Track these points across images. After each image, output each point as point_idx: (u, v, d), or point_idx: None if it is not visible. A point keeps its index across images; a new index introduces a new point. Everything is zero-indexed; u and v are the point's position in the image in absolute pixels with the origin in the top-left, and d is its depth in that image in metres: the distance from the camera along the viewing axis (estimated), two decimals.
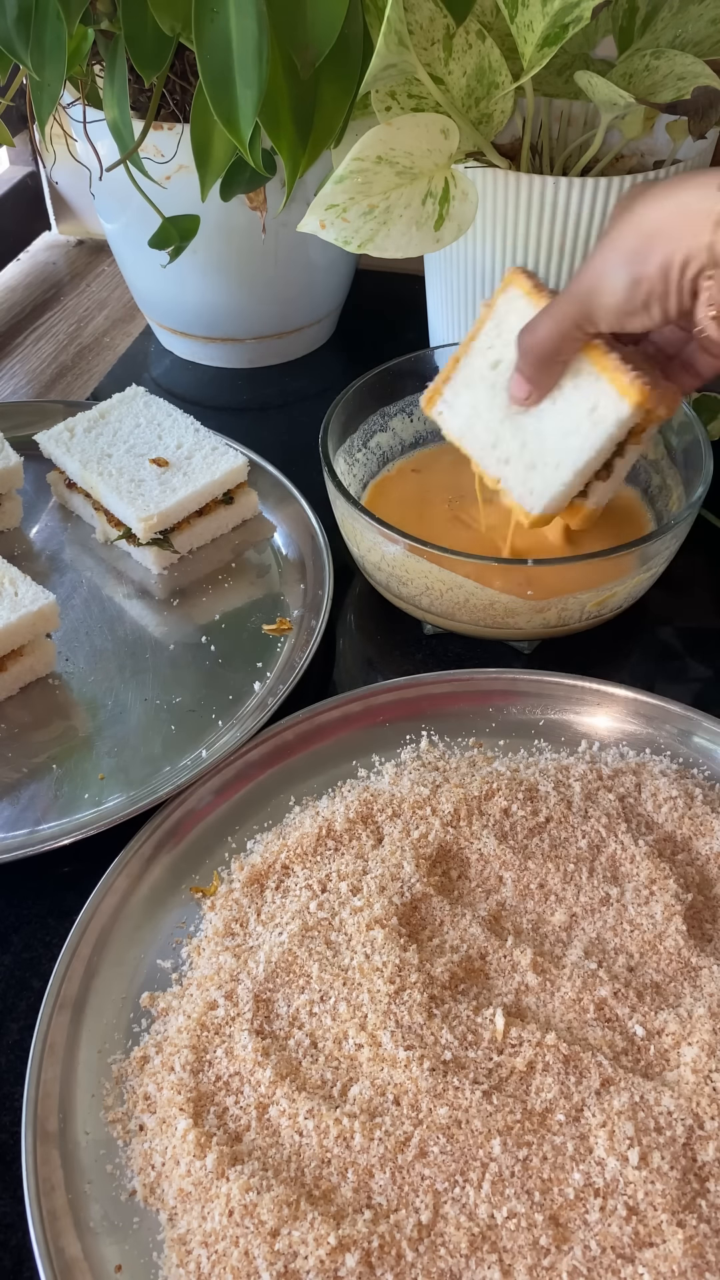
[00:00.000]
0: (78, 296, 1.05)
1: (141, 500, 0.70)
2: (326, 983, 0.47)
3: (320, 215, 0.60)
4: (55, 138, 0.83)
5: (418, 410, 0.75)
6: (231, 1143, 0.43)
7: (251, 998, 0.47)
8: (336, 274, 0.90)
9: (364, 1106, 0.44)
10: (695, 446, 0.66)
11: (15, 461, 0.73)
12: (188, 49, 0.67)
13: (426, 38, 0.64)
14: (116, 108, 0.66)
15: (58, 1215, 0.42)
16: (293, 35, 0.57)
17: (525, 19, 0.61)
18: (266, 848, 0.54)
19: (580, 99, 0.73)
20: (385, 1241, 0.40)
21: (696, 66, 0.65)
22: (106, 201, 0.85)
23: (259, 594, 0.70)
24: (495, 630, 0.64)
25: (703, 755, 0.58)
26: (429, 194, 0.62)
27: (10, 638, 0.61)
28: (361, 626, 0.70)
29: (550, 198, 0.68)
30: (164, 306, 0.91)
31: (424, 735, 0.60)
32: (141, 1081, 0.46)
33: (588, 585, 0.61)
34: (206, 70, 0.56)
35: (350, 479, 0.71)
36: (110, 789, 0.58)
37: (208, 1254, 0.40)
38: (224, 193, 0.67)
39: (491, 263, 0.73)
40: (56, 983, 0.48)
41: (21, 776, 0.59)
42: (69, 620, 0.68)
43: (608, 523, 0.71)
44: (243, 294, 0.87)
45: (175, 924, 0.52)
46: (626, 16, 0.70)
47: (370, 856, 0.53)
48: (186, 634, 0.68)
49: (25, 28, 0.59)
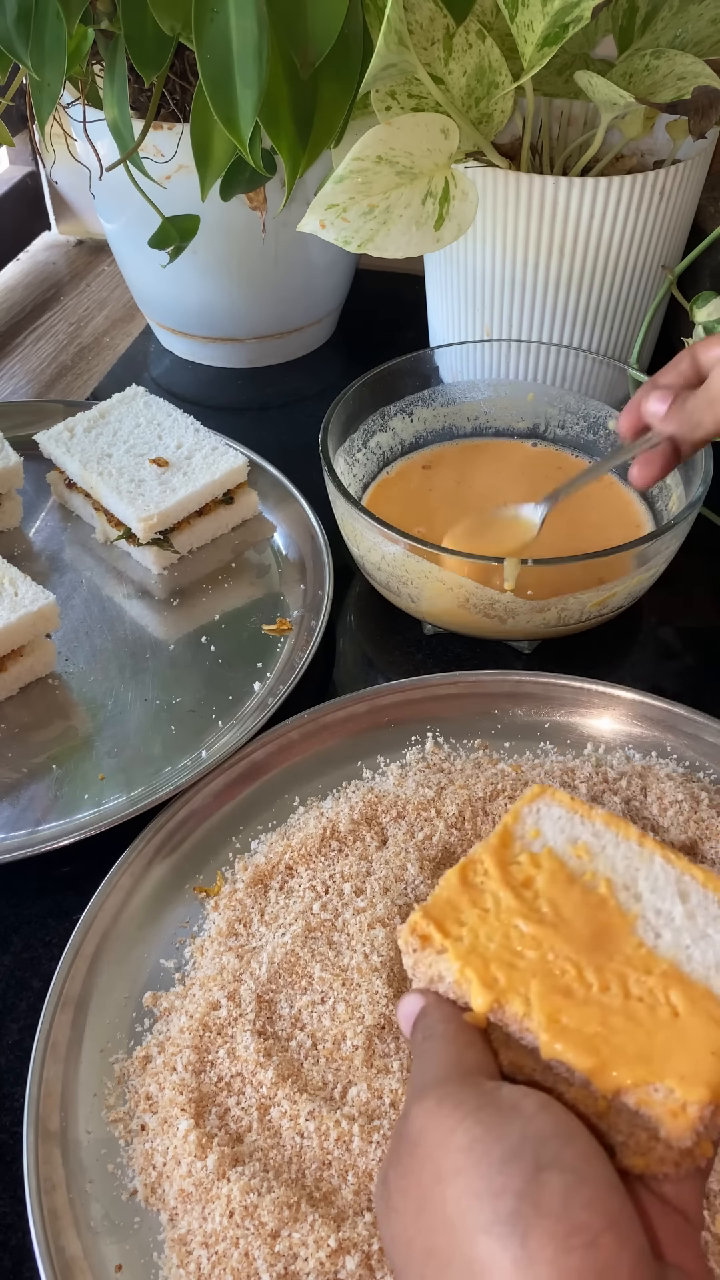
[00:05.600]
0: (78, 296, 1.05)
1: (141, 500, 0.70)
2: (327, 983, 0.47)
3: (320, 215, 0.60)
4: (55, 137, 0.83)
5: (418, 410, 0.76)
6: (233, 1144, 0.43)
7: (254, 998, 0.47)
8: (336, 274, 0.90)
9: (362, 1109, 0.44)
10: None
11: (15, 461, 0.73)
12: (188, 49, 0.67)
13: (426, 37, 0.64)
14: (116, 107, 0.66)
15: (58, 1214, 0.42)
16: (293, 35, 0.57)
17: (525, 19, 0.61)
18: (270, 848, 0.54)
19: (580, 99, 0.73)
20: None
21: (696, 66, 0.65)
22: (106, 201, 0.85)
23: (259, 594, 0.70)
24: (495, 630, 0.64)
25: (709, 759, 0.58)
26: (429, 194, 0.62)
27: (10, 638, 0.61)
28: (361, 626, 0.70)
29: (550, 198, 0.68)
30: (164, 306, 0.91)
31: (429, 736, 0.60)
32: (143, 1081, 0.46)
33: (588, 585, 0.61)
34: (206, 70, 0.56)
35: (350, 479, 0.71)
36: (110, 789, 0.58)
37: (208, 1254, 0.40)
38: (224, 193, 0.67)
39: (491, 263, 0.73)
40: (59, 981, 0.48)
41: (21, 776, 0.59)
42: (69, 620, 0.68)
43: (608, 523, 0.71)
44: (243, 294, 0.87)
45: (179, 923, 0.52)
46: (626, 16, 0.70)
47: (374, 858, 0.53)
48: (186, 634, 0.68)
49: (25, 28, 0.59)
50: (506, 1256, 0.30)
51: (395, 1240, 0.34)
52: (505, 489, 0.73)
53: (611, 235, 0.70)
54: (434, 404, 0.76)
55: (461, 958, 0.38)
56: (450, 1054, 0.36)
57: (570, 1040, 0.36)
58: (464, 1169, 0.32)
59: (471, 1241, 0.31)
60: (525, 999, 0.37)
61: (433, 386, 0.75)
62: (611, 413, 0.74)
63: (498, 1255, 0.30)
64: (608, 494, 0.73)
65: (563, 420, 0.76)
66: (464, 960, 0.38)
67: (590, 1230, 0.30)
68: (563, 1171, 0.31)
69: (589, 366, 0.75)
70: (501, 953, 0.38)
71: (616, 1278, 0.29)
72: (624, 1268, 0.30)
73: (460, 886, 0.41)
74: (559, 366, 0.75)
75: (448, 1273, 0.31)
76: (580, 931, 0.39)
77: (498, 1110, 0.33)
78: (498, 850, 0.42)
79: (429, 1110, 0.34)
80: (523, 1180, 0.31)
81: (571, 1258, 0.29)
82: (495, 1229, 0.30)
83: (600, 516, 0.71)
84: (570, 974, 0.38)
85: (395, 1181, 0.35)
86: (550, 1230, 0.30)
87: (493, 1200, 0.31)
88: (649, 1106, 0.34)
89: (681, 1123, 0.34)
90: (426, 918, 0.40)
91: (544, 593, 0.60)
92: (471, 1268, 0.31)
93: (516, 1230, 0.30)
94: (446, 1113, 0.33)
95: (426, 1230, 0.33)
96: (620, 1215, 0.31)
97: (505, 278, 0.74)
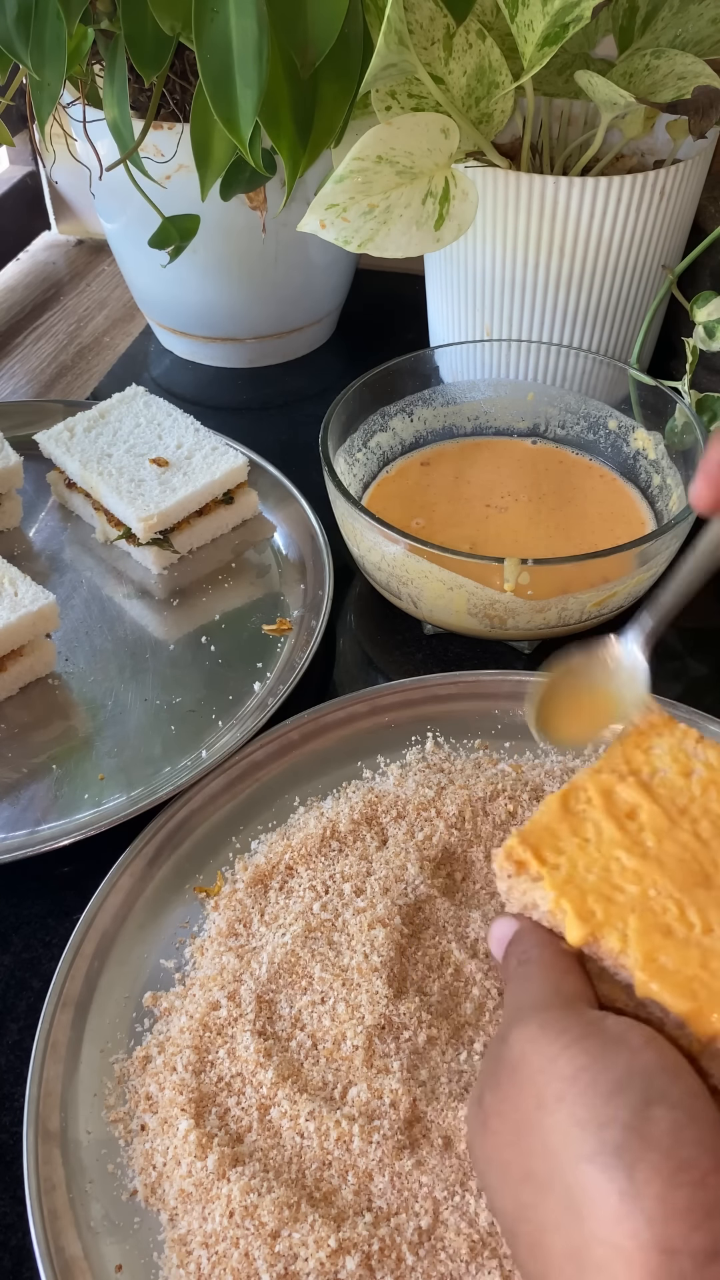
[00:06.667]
0: (78, 296, 1.05)
1: (141, 500, 0.70)
2: (327, 983, 0.47)
3: (320, 215, 0.60)
4: (55, 137, 0.83)
5: (418, 410, 0.76)
6: (233, 1144, 0.43)
7: (254, 998, 0.47)
8: (336, 274, 0.90)
9: (362, 1109, 0.44)
10: (695, 446, 0.66)
11: (15, 461, 0.73)
12: (188, 49, 0.67)
13: (426, 37, 0.64)
14: (116, 107, 0.66)
15: (58, 1214, 0.42)
16: (293, 35, 0.57)
17: (525, 18, 0.61)
18: (270, 848, 0.54)
19: (580, 98, 0.73)
20: (386, 1245, 0.40)
21: (697, 66, 0.65)
22: (106, 201, 0.85)
23: (259, 594, 0.70)
24: (495, 630, 0.64)
25: None
26: (429, 193, 0.62)
27: (10, 638, 0.61)
28: (361, 626, 0.70)
29: (550, 197, 0.68)
30: (164, 306, 0.91)
31: (429, 736, 0.60)
32: (144, 1081, 0.46)
33: (588, 585, 0.61)
34: (206, 70, 0.56)
35: (350, 479, 0.71)
36: (110, 789, 0.58)
37: (208, 1255, 0.40)
38: (224, 192, 0.67)
39: (491, 263, 0.73)
40: (59, 981, 0.48)
41: (21, 776, 0.59)
42: (69, 620, 0.68)
43: (609, 522, 0.71)
44: (243, 294, 0.87)
45: (179, 923, 0.52)
46: (626, 16, 0.70)
47: (374, 858, 0.53)
48: (186, 634, 0.68)
49: (25, 27, 0.59)
50: (612, 1187, 0.30)
51: (490, 1162, 0.34)
52: (505, 485, 0.73)
53: (611, 235, 0.70)
54: (434, 404, 0.76)
55: (558, 887, 0.37)
56: (550, 980, 0.36)
57: (668, 981, 0.34)
58: (568, 1097, 0.32)
59: (575, 1169, 0.31)
60: (623, 935, 0.36)
61: (433, 386, 0.75)
62: (611, 412, 0.74)
63: (602, 1185, 0.30)
64: (608, 494, 0.73)
65: (563, 420, 0.76)
66: (560, 890, 0.37)
67: (699, 1168, 0.30)
68: (671, 1108, 0.31)
69: (589, 366, 0.75)
70: (600, 885, 0.37)
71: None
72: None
73: (561, 813, 0.39)
74: (559, 366, 0.75)
75: (547, 1198, 0.31)
76: (685, 869, 0.38)
77: (604, 1040, 0.33)
78: (604, 778, 0.40)
79: (531, 1036, 0.34)
80: (630, 1113, 0.31)
81: (679, 1194, 0.29)
82: (600, 1159, 0.30)
83: (601, 516, 0.71)
84: (672, 912, 0.36)
85: (493, 1105, 0.34)
86: (657, 1165, 0.29)
87: (598, 1130, 0.31)
88: None
89: None
90: (524, 843, 0.38)
91: (544, 593, 0.60)
92: (572, 1193, 0.31)
93: (623, 1162, 0.30)
94: (550, 1039, 0.33)
95: (525, 1154, 0.33)
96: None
97: (505, 278, 0.74)
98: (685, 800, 0.40)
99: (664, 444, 0.70)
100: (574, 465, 0.75)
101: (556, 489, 0.73)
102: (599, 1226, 0.30)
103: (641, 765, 0.41)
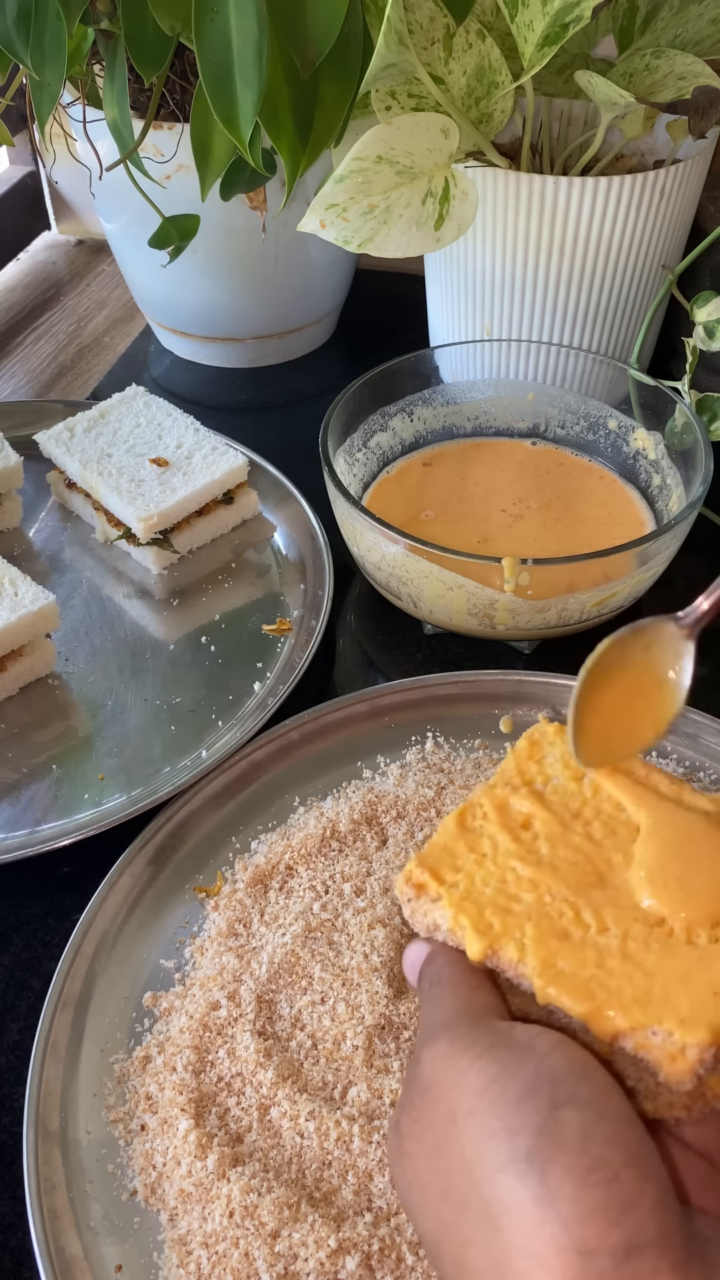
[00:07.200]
0: (78, 296, 1.05)
1: (141, 500, 0.70)
2: (327, 983, 0.47)
3: (320, 215, 0.60)
4: (55, 137, 0.83)
5: (418, 410, 0.76)
6: (233, 1144, 0.43)
7: (254, 999, 0.47)
8: (336, 274, 0.90)
9: (362, 1109, 0.44)
10: (695, 446, 0.66)
11: (15, 461, 0.73)
12: (188, 49, 0.67)
13: (426, 37, 0.64)
14: (116, 107, 0.66)
15: (58, 1214, 0.42)
16: (293, 35, 0.57)
17: (525, 18, 0.61)
18: (270, 848, 0.54)
19: (580, 99, 0.73)
20: (386, 1245, 0.40)
21: (697, 66, 0.65)
22: (106, 201, 0.85)
23: (259, 594, 0.70)
24: (495, 630, 0.64)
25: (709, 758, 0.58)
26: (429, 193, 0.62)
27: (10, 638, 0.61)
28: (361, 626, 0.70)
29: (550, 197, 0.68)
30: (164, 306, 0.91)
31: (429, 737, 0.60)
32: (143, 1081, 0.46)
33: (588, 585, 0.61)
34: (206, 70, 0.56)
35: (350, 479, 0.71)
36: (110, 789, 0.58)
37: (208, 1255, 0.40)
38: (224, 192, 0.67)
39: (491, 263, 0.73)
40: (59, 981, 0.48)
41: (21, 776, 0.59)
42: (69, 620, 0.68)
43: (608, 522, 0.71)
44: (243, 294, 0.87)
45: (179, 923, 0.52)
46: (626, 16, 0.70)
47: (374, 858, 0.53)
48: (186, 634, 0.68)
49: (25, 27, 0.59)
50: (527, 1194, 0.29)
51: (410, 1185, 0.34)
52: (506, 486, 0.73)
53: (611, 235, 0.70)
54: (434, 404, 0.76)
55: (455, 905, 0.37)
56: (459, 996, 0.36)
57: (565, 984, 0.34)
58: (479, 1109, 0.31)
59: (490, 1181, 0.30)
60: (520, 944, 0.36)
61: (433, 386, 0.75)
62: (611, 412, 0.74)
63: (517, 1193, 0.29)
64: (608, 494, 0.73)
65: (563, 420, 0.76)
66: (458, 907, 0.37)
67: (611, 1165, 0.29)
68: (580, 1108, 0.30)
69: (589, 366, 0.75)
70: (497, 897, 0.37)
71: (639, 1212, 0.29)
72: (647, 1200, 0.29)
73: (458, 831, 0.40)
74: (559, 366, 0.75)
75: (466, 1213, 0.31)
76: (579, 871, 0.38)
77: (511, 1049, 0.33)
78: (498, 792, 0.41)
79: (441, 1053, 0.33)
80: (540, 1117, 0.30)
81: (593, 1193, 0.29)
82: (513, 1167, 0.30)
83: (601, 516, 0.71)
84: (568, 915, 0.36)
85: (408, 1126, 0.34)
86: (570, 1166, 0.29)
87: (510, 1138, 0.30)
88: (647, 1050, 0.33)
89: (680, 1066, 0.33)
90: (421, 866, 0.39)
91: (544, 593, 0.60)
92: (490, 1207, 0.30)
93: (535, 1167, 0.29)
94: (459, 1054, 0.33)
95: (442, 1172, 0.32)
96: (641, 1150, 0.30)
97: (505, 278, 0.74)
98: (578, 804, 0.40)
99: (664, 444, 0.70)
100: (574, 466, 0.75)
101: (556, 490, 0.73)
102: (516, 1236, 0.29)
103: (535, 775, 0.42)
